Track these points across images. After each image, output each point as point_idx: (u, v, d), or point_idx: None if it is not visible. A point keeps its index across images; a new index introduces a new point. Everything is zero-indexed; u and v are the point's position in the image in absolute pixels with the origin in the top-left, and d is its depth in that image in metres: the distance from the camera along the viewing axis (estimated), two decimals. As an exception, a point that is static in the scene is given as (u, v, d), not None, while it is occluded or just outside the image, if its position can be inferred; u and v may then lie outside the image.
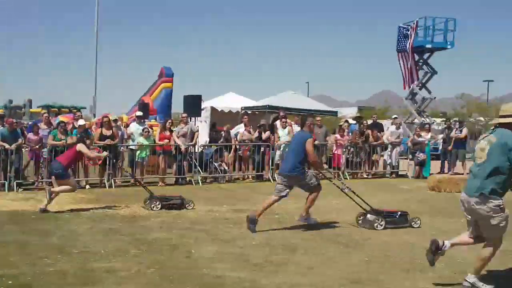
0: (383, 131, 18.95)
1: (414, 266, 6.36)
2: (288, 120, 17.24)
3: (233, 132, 17.15)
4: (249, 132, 16.26)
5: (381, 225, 8.73)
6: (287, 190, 8.75)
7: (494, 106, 35.61)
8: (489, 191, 5.36)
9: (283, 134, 16.31)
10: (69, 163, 10.43)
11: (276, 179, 10.94)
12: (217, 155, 15.80)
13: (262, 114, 22.13)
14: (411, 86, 29.03)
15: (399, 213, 9.08)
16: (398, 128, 18.63)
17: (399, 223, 8.91)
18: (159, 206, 10.33)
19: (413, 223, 9.00)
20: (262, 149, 15.98)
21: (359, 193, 9.03)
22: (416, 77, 28.60)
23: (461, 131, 18.28)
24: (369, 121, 20.42)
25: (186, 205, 10.61)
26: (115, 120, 15.47)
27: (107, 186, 13.73)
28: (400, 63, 28.83)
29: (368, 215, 8.95)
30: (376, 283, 5.70)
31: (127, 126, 16.80)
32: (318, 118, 18.38)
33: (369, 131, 17.90)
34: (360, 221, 9.04)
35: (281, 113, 17.65)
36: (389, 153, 17.87)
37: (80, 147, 10.38)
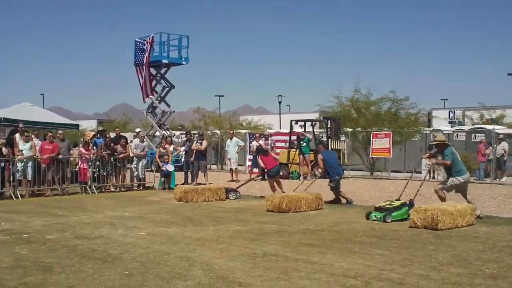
0: (127, 144, 19.15)
1: (174, 275, 6.60)
2: (30, 134, 16.45)
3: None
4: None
5: None
6: None
7: (227, 119, 38.18)
8: None
9: (25, 148, 15.47)
10: None
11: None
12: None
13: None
14: (151, 100, 29.68)
15: None
16: (142, 141, 19.00)
17: None
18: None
19: None
20: (2, 164, 14.91)
21: (108, 208, 9.15)
22: (150, 91, 29.10)
23: (201, 143, 19.34)
24: (112, 134, 20.43)
25: None
26: None
27: None
28: (138, 77, 29.25)
29: None
30: (139, 295, 5.82)
31: None
32: (60, 132, 17.89)
33: (112, 144, 17.92)
34: None
35: (20, 126, 16.78)
36: (135, 166, 18.11)
37: None
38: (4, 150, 15.19)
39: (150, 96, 29.16)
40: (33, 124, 19.71)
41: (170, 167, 18.06)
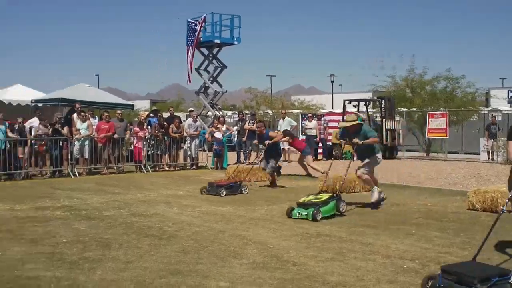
0: (181, 123, 19.34)
1: (229, 254, 6.63)
2: (86, 114, 16.83)
3: (26, 126, 16.21)
4: (45, 126, 15.50)
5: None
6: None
7: (279, 99, 38.08)
8: None
9: (82, 128, 15.86)
10: None
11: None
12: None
13: (55, 107, 21.12)
14: (204, 80, 29.78)
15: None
16: (195, 121, 19.15)
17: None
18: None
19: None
20: (60, 143, 15.35)
21: (163, 186, 9.39)
22: (190, 71, 28.92)
23: (253, 123, 19.32)
24: (166, 114, 20.68)
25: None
26: None
27: None
28: (190, 57, 29.26)
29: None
30: (195, 273, 5.83)
31: None
32: (118, 112, 18.22)
33: (165, 124, 18.12)
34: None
35: (77, 105, 17.17)
36: (189, 145, 18.28)
37: None
38: (65, 129, 15.63)
39: (199, 77, 29.05)
40: (89, 104, 20.09)
41: (218, 134, 18.04)
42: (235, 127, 21.14)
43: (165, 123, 18.10)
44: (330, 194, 9.35)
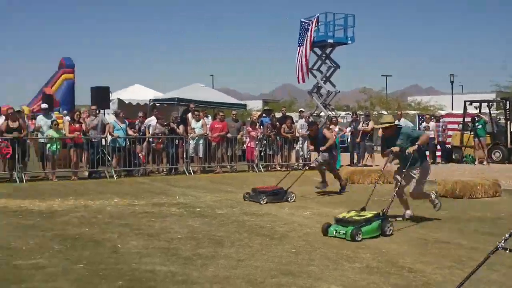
0: (293, 123, 19.32)
1: (341, 257, 6.47)
2: (200, 113, 17.27)
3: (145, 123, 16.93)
4: (162, 125, 16.08)
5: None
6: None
7: (395, 100, 37.16)
8: None
9: (197, 127, 16.28)
10: None
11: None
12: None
13: (171, 106, 21.89)
14: (317, 80, 29.60)
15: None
16: (307, 121, 19.03)
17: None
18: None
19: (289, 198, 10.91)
20: (176, 141, 15.87)
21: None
22: (306, 72, 28.67)
23: (367, 124, 18.91)
24: (277, 114, 20.76)
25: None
26: (19, 112, 14.98)
27: (17, 181, 13.38)
28: (302, 57, 29.14)
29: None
30: (306, 274, 5.74)
31: (31, 118, 16.32)
32: (234, 112, 18.54)
33: (278, 124, 18.18)
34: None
35: (192, 106, 17.64)
36: (301, 145, 18.23)
37: None
38: (180, 128, 16.15)
39: (311, 77, 28.94)
40: (204, 103, 20.64)
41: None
42: (349, 128, 20.79)
43: (277, 123, 18.17)
44: (376, 212, 8.06)
